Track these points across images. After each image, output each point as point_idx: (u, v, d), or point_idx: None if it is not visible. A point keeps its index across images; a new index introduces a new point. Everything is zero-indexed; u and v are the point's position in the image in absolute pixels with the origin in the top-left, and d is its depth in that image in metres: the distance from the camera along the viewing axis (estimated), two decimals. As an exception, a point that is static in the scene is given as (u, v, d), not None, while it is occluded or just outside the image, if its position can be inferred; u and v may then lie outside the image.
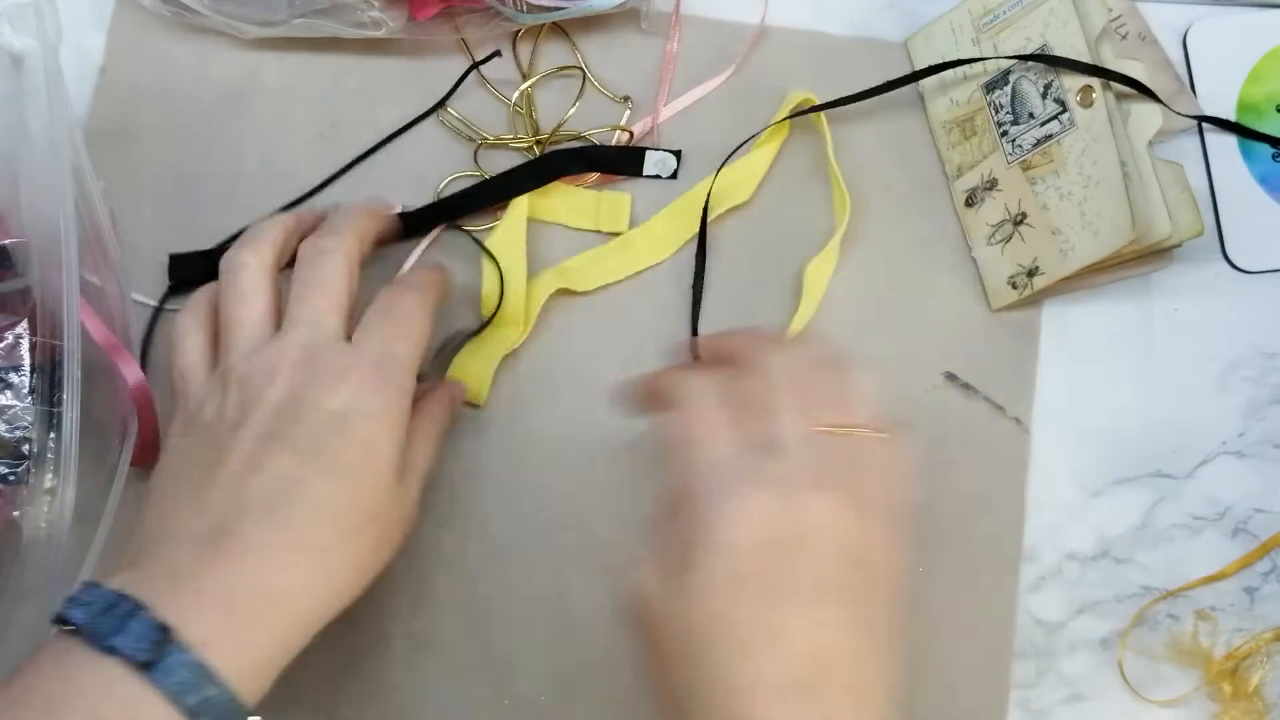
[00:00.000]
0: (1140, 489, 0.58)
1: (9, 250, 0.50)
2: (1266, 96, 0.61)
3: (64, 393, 0.48)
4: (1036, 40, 0.56)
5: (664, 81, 0.60)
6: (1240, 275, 0.59)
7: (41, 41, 0.50)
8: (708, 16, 0.61)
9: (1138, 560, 0.57)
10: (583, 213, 0.58)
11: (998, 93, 0.58)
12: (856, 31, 0.61)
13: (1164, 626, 0.57)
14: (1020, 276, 0.57)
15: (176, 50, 0.61)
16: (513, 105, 0.60)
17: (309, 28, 0.58)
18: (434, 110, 0.60)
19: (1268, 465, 0.58)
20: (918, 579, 0.56)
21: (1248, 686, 0.55)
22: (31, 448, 0.49)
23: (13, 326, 0.49)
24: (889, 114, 0.61)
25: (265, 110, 0.61)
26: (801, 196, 0.59)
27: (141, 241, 0.59)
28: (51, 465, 0.49)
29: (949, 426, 0.57)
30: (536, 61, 0.61)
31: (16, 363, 0.49)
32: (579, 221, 0.58)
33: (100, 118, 0.60)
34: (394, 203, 0.57)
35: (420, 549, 0.55)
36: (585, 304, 0.58)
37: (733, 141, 0.59)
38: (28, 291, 0.50)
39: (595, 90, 0.61)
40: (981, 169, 0.58)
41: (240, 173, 0.60)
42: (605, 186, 0.59)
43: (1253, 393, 0.58)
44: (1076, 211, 0.55)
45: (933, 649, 0.56)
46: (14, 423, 0.49)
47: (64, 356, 0.48)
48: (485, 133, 0.60)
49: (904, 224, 0.59)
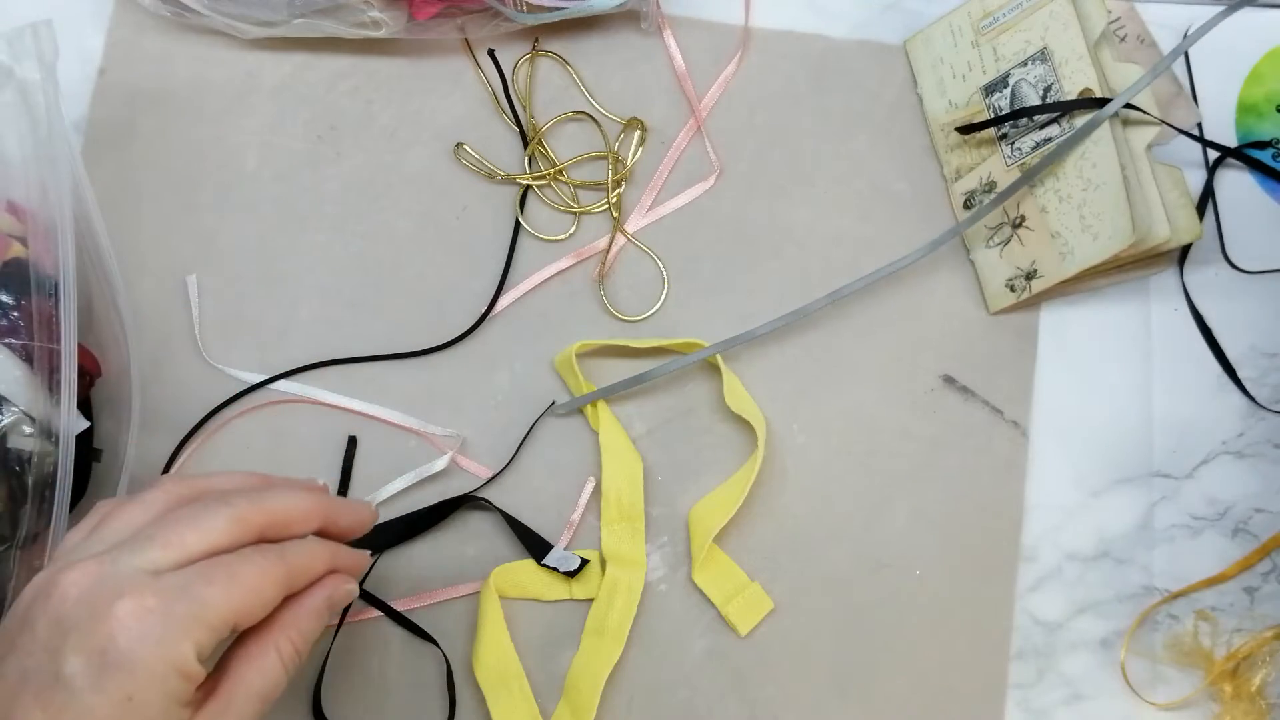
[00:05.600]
0: (1140, 489, 0.58)
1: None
2: (1266, 96, 0.61)
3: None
4: (1036, 43, 0.56)
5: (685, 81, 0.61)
6: (1240, 275, 0.59)
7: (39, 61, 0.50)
8: (706, 19, 0.61)
9: (1138, 560, 0.57)
10: (554, 585, 0.56)
11: (997, 95, 0.58)
12: (857, 33, 0.61)
13: (1164, 627, 0.57)
14: (1019, 279, 0.57)
15: (176, 50, 0.61)
16: (527, 152, 0.60)
17: (309, 28, 0.58)
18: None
19: (1268, 465, 0.58)
20: (917, 580, 0.56)
21: (1249, 687, 0.55)
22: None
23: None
24: (888, 115, 0.61)
25: (265, 110, 0.61)
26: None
27: (141, 242, 0.59)
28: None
29: (947, 429, 0.58)
30: (535, 67, 0.61)
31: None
32: (552, 594, 0.56)
33: (99, 118, 0.60)
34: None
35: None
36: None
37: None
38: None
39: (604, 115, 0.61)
40: (980, 172, 0.58)
41: (240, 173, 0.60)
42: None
43: (1252, 393, 0.58)
44: (1075, 215, 0.55)
45: (932, 649, 0.56)
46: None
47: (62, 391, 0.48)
48: (499, 170, 0.60)
49: (902, 226, 0.59)
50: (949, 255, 0.59)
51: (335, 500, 0.47)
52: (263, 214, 0.60)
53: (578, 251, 0.60)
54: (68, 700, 0.37)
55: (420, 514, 0.56)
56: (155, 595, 0.39)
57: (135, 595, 0.38)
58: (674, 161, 0.60)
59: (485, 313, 0.59)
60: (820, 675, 0.56)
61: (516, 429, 0.58)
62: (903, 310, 0.59)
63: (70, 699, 0.37)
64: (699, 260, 0.59)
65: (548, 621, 0.56)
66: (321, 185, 0.60)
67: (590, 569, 0.56)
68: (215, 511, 0.42)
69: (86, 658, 0.38)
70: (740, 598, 0.56)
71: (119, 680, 0.38)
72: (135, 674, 0.38)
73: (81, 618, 0.38)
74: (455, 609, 0.56)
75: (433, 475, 0.57)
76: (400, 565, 0.57)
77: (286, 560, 0.42)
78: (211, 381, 0.58)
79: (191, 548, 0.40)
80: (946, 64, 0.60)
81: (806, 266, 0.59)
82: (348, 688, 0.55)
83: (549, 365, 0.59)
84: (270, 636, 0.42)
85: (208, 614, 0.39)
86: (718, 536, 0.55)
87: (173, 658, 0.38)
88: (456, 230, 0.60)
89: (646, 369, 0.57)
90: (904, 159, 0.60)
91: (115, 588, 0.39)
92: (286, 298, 0.59)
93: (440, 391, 0.58)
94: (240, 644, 0.42)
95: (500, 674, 0.55)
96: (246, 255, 0.59)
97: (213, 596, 0.39)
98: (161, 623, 0.38)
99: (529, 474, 0.57)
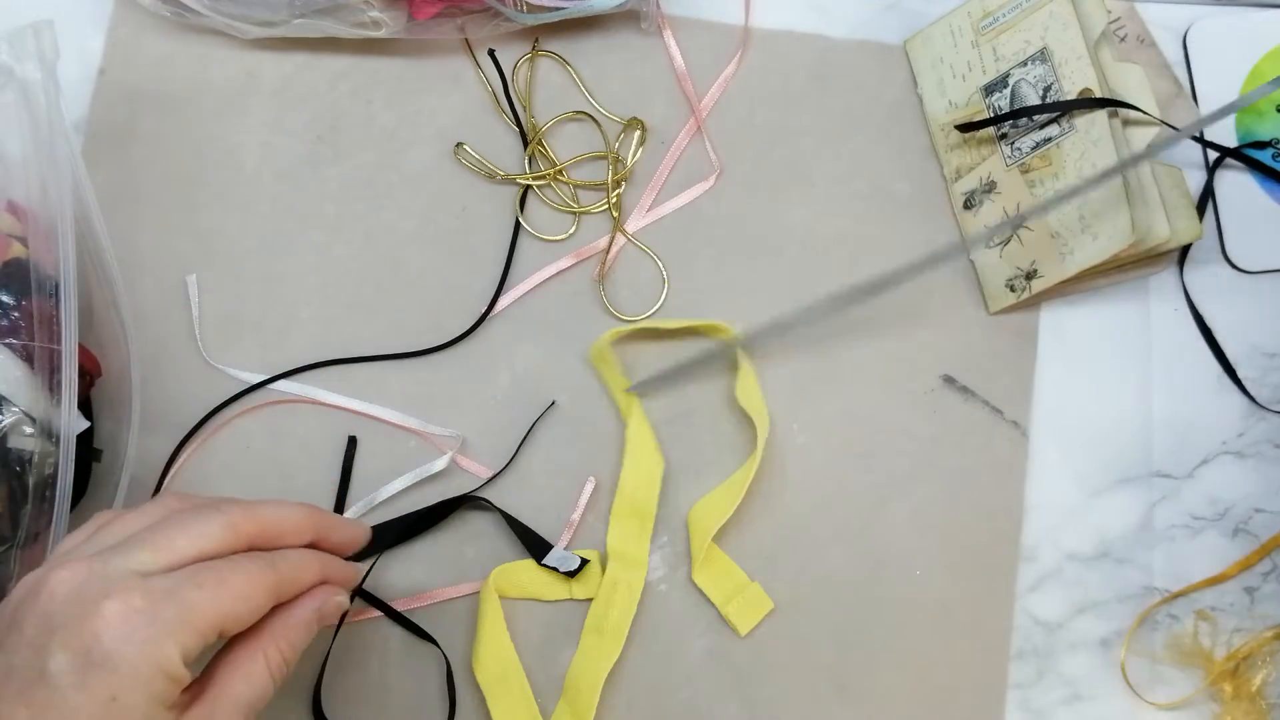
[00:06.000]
0: (1140, 489, 0.58)
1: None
2: (1266, 96, 0.61)
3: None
4: (1036, 43, 0.56)
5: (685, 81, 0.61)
6: (1240, 275, 0.59)
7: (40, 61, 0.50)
8: (706, 19, 0.61)
9: (1138, 560, 0.57)
10: (554, 585, 0.57)
11: (997, 95, 0.58)
12: (857, 33, 0.61)
13: (1164, 627, 0.57)
14: (1019, 279, 0.57)
15: (176, 51, 0.61)
16: (527, 152, 0.60)
17: (309, 28, 0.58)
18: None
19: (1268, 465, 0.58)
20: (917, 580, 0.56)
21: (1250, 687, 0.55)
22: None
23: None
24: (888, 115, 0.61)
25: (265, 111, 0.61)
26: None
27: (141, 242, 0.59)
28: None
29: (947, 429, 0.58)
30: (535, 67, 0.61)
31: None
32: (552, 594, 0.57)
33: (99, 119, 0.60)
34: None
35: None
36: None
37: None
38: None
39: (603, 115, 0.61)
40: (980, 172, 0.58)
41: (240, 173, 0.60)
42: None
43: (1252, 393, 0.58)
44: (1075, 215, 0.55)
45: (932, 649, 0.56)
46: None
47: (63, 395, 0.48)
48: (499, 170, 0.60)
49: (902, 226, 0.59)
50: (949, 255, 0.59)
51: (329, 515, 0.47)
52: (263, 214, 0.60)
53: (578, 251, 0.60)
54: (51, 698, 0.37)
55: (420, 514, 0.56)
56: (143, 596, 0.39)
57: (123, 595, 0.38)
58: (674, 161, 0.60)
59: (485, 313, 0.59)
60: (820, 675, 0.56)
61: (516, 429, 0.58)
62: (903, 310, 0.59)
63: (54, 696, 0.37)
64: (699, 260, 0.59)
65: (548, 621, 0.56)
66: (321, 185, 0.60)
67: (590, 569, 0.56)
68: (207, 518, 0.42)
69: (71, 656, 0.38)
70: (740, 598, 0.56)
71: (103, 679, 0.38)
72: (119, 674, 0.38)
73: (69, 616, 0.38)
74: (455, 609, 0.56)
75: (433, 475, 0.57)
76: (400, 565, 0.57)
77: (276, 568, 0.42)
78: (211, 381, 0.58)
79: (182, 551, 0.41)
80: (946, 64, 0.60)
81: (806, 266, 0.59)
82: (348, 688, 0.55)
83: (549, 365, 0.59)
84: (259, 644, 0.42)
85: (195, 617, 0.39)
86: (718, 536, 0.56)
87: (158, 659, 0.38)
88: (456, 230, 0.60)
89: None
90: (904, 159, 0.60)
91: (104, 588, 0.39)
92: (286, 298, 0.59)
93: (440, 391, 0.58)
94: (228, 651, 0.42)
95: (500, 674, 0.55)
96: (246, 255, 0.59)
97: (200, 600, 0.39)
98: (148, 623, 0.38)
99: (529, 474, 0.57)
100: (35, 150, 0.50)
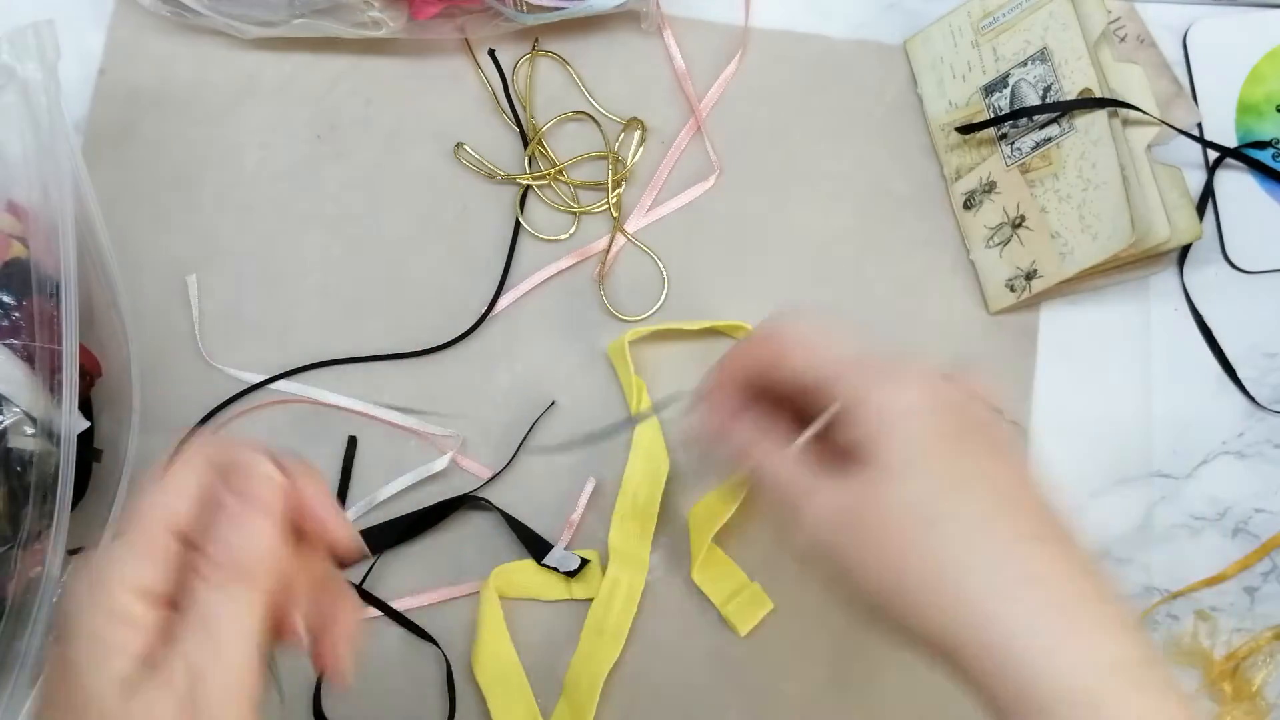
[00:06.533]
0: (1140, 489, 0.58)
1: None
2: (1266, 96, 0.61)
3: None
4: (1036, 43, 0.56)
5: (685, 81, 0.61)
6: (1240, 275, 0.59)
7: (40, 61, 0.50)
8: (706, 19, 0.61)
9: (1137, 560, 0.57)
10: (554, 585, 0.57)
11: (997, 95, 0.58)
12: (857, 33, 0.61)
13: (1164, 626, 0.57)
14: (1018, 279, 0.57)
15: (176, 50, 0.61)
16: (527, 152, 0.60)
17: (309, 28, 0.58)
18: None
19: (1268, 465, 0.58)
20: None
21: (1249, 687, 0.55)
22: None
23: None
24: (888, 115, 0.61)
25: (264, 111, 0.61)
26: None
27: (141, 242, 0.59)
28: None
29: (948, 428, 0.58)
30: (535, 67, 0.61)
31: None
32: (552, 594, 0.56)
33: (100, 118, 0.60)
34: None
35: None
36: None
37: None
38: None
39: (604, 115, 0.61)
40: (980, 172, 0.58)
41: (240, 173, 0.60)
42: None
43: (1252, 393, 0.58)
44: (1075, 215, 0.55)
45: (932, 650, 0.56)
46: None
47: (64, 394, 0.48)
48: (499, 170, 0.60)
49: (902, 226, 0.59)
50: (949, 255, 0.59)
51: (315, 497, 0.38)
52: (263, 214, 0.60)
53: (578, 251, 0.60)
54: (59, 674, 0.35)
55: (420, 514, 0.56)
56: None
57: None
58: (674, 161, 0.60)
59: (485, 313, 0.59)
60: (820, 675, 0.56)
61: (516, 429, 0.58)
62: (903, 310, 0.59)
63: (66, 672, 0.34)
64: (699, 260, 0.59)
65: (548, 621, 0.56)
66: (321, 185, 0.60)
67: (590, 569, 0.56)
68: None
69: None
70: (740, 598, 0.56)
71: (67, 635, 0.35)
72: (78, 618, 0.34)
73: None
74: (455, 609, 0.56)
75: (433, 475, 0.57)
76: (400, 565, 0.57)
77: (204, 451, 0.37)
78: (211, 381, 0.58)
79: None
80: (946, 64, 0.60)
81: (806, 266, 0.59)
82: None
83: (549, 365, 0.59)
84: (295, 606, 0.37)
85: (130, 515, 0.36)
86: (717, 536, 0.55)
87: (104, 570, 0.35)
88: (456, 230, 0.60)
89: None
90: (904, 159, 0.60)
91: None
92: (286, 298, 0.59)
93: (440, 391, 0.58)
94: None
95: (500, 674, 0.55)
96: (246, 255, 0.59)
97: (136, 504, 0.36)
98: (93, 569, 0.35)
99: (529, 474, 0.57)
100: (36, 150, 0.50)
